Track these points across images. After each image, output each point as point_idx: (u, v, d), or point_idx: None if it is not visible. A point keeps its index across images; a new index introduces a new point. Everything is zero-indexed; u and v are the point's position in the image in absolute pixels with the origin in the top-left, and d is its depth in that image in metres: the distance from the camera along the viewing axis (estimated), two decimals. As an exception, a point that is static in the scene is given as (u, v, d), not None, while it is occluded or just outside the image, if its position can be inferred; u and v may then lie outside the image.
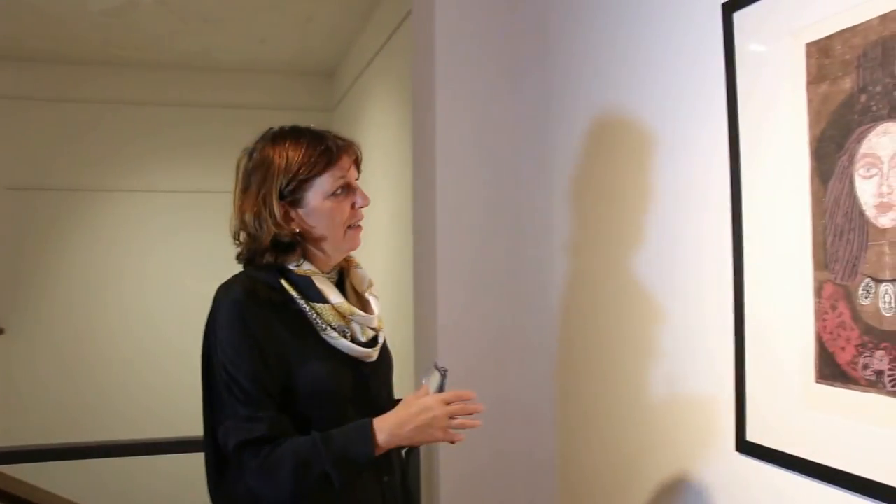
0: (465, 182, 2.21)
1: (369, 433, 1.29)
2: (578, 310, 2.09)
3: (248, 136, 1.43)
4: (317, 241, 1.39)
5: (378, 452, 1.30)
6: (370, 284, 1.49)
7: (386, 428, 1.30)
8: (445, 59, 2.21)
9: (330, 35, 4.66)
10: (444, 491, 2.15)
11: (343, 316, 1.36)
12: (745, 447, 1.43)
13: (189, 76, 5.28)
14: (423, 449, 2.23)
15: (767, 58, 1.36)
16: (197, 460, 1.46)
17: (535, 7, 2.26)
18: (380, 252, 3.99)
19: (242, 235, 1.39)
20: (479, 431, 1.44)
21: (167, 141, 5.25)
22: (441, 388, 1.37)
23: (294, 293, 1.34)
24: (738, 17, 1.43)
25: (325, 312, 1.35)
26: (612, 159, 1.90)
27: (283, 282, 1.35)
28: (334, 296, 1.37)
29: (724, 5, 1.46)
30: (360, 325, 1.40)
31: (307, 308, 1.34)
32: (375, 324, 1.43)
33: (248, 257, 1.38)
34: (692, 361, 1.60)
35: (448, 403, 1.33)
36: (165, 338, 5.04)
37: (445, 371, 1.38)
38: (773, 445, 1.35)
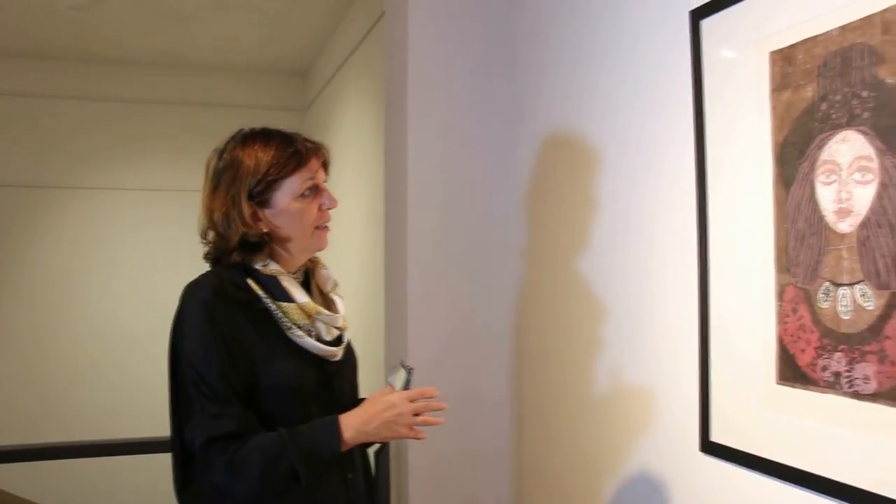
0: (437, 184, 2.24)
1: (336, 429, 1.31)
2: (539, 312, 2.11)
3: (220, 135, 1.44)
4: (284, 241, 1.41)
5: (344, 448, 1.32)
6: (335, 285, 1.52)
7: (352, 424, 1.32)
8: (418, 62, 2.24)
9: (304, 34, 4.65)
10: (412, 486, 2.16)
11: (308, 315, 1.38)
12: (710, 447, 1.45)
13: (160, 73, 5.23)
14: (391, 446, 2.24)
15: (733, 65, 1.39)
16: (163, 461, 1.45)
17: (504, 12, 2.29)
18: (353, 251, 3.99)
19: (210, 235, 1.40)
20: (446, 428, 1.46)
21: (137, 139, 5.19)
22: (407, 386, 1.40)
23: (260, 292, 1.36)
24: (706, 24, 1.45)
25: (290, 311, 1.36)
26: (579, 164, 1.92)
27: (249, 281, 1.36)
28: (300, 295, 1.39)
29: (692, 13, 1.49)
30: (326, 324, 1.41)
31: (273, 307, 1.35)
32: (340, 323, 1.45)
33: (216, 256, 1.40)
34: (658, 362, 1.63)
35: (412, 401, 1.35)
36: (131, 337, 4.99)
37: (411, 370, 1.41)
38: (737, 446, 1.38)
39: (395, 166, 2.35)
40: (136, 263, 5.15)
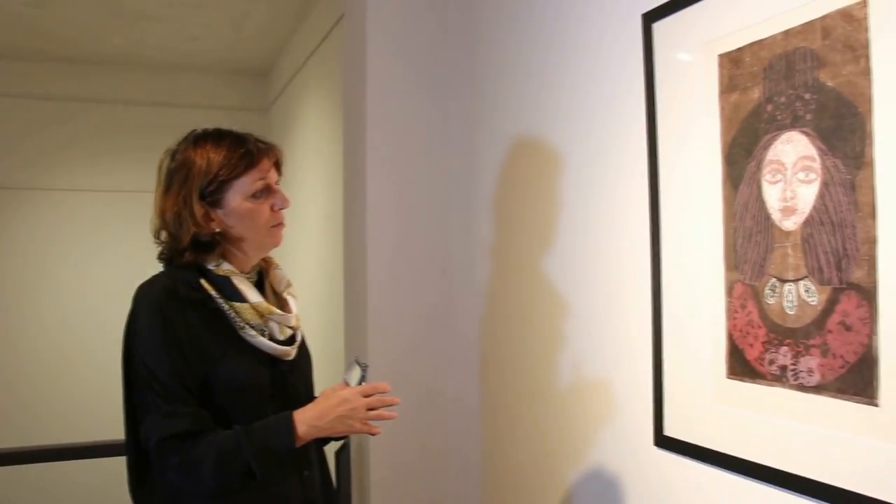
0: (396, 187, 2.26)
1: (290, 425, 1.32)
2: (502, 310, 2.13)
3: (180, 135, 1.45)
4: (236, 241, 1.42)
5: (299, 444, 1.33)
6: (288, 284, 1.53)
7: (306, 420, 1.34)
8: (376, 65, 2.25)
9: (264, 34, 4.62)
10: (374, 487, 2.17)
11: (261, 315, 1.39)
12: (663, 441, 1.48)
13: (118, 73, 5.14)
14: (353, 445, 2.25)
15: (684, 67, 1.42)
16: (117, 464, 1.44)
17: (462, 17, 2.31)
18: (312, 251, 3.98)
19: (163, 235, 1.40)
20: (409, 427, 1.48)
21: (93, 139, 5.10)
22: (361, 383, 1.41)
23: (213, 292, 1.36)
24: (657, 27, 1.48)
25: (243, 311, 1.37)
26: (534, 167, 1.95)
27: (202, 281, 1.37)
28: (253, 295, 1.39)
29: (644, 16, 1.52)
30: (279, 323, 1.42)
31: (226, 307, 1.36)
32: (293, 322, 1.46)
33: (169, 256, 1.41)
34: (614, 359, 1.65)
35: (366, 396, 1.37)
36: (84, 341, 4.91)
37: (366, 366, 1.43)
38: (689, 439, 1.41)
39: (353, 168, 2.36)
40: (91, 266, 5.06)
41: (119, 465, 1.41)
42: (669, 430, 1.46)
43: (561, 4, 1.86)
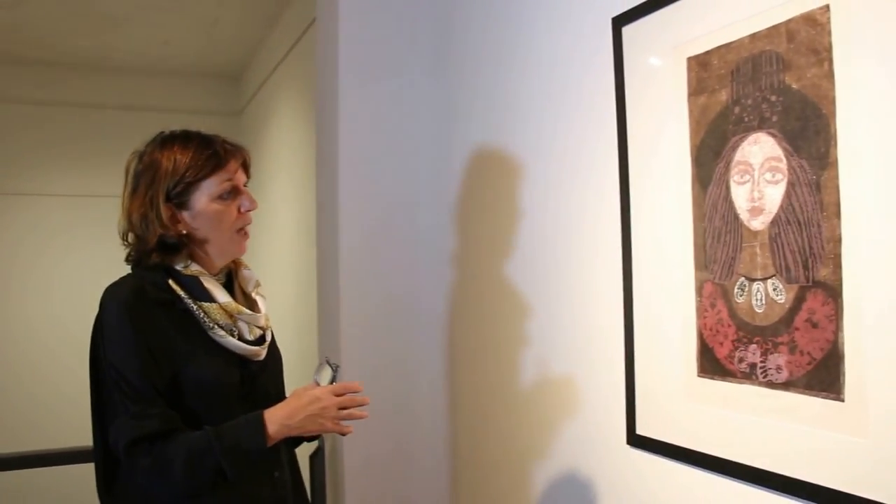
0: (368, 190, 2.27)
1: (261, 424, 1.32)
2: (474, 312, 2.14)
3: (148, 139, 1.44)
4: (202, 243, 1.41)
5: (270, 443, 1.33)
6: (257, 284, 1.53)
7: (277, 419, 1.33)
8: (348, 70, 2.27)
9: (236, 38, 4.60)
10: (347, 487, 2.17)
11: (230, 315, 1.39)
12: (636, 440, 1.50)
13: (87, 76, 5.09)
14: (326, 449, 2.25)
15: (653, 70, 1.44)
16: (83, 471, 1.43)
17: (433, 22, 2.32)
18: (284, 255, 3.97)
19: (130, 237, 1.40)
20: (381, 429, 1.48)
21: (62, 143, 5.05)
22: (332, 383, 1.42)
23: (181, 293, 1.36)
24: (627, 31, 1.50)
25: (212, 311, 1.37)
26: (506, 169, 1.96)
27: (170, 282, 1.36)
28: (221, 295, 1.39)
29: (613, 19, 1.54)
30: (248, 323, 1.42)
31: (194, 307, 1.36)
32: (262, 322, 1.46)
33: (136, 259, 1.40)
34: (587, 359, 1.67)
35: (338, 395, 1.37)
36: (49, 346, 4.87)
37: (337, 367, 1.43)
38: (661, 438, 1.43)
39: (326, 171, 2.36)
40: (60, 271, 5.00)
41: (87, 471, 1.39)
42: (642, 429, 1.48)
43: (531, 9, 1.87)
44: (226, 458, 1.27)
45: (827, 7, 1.09)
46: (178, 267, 1.38)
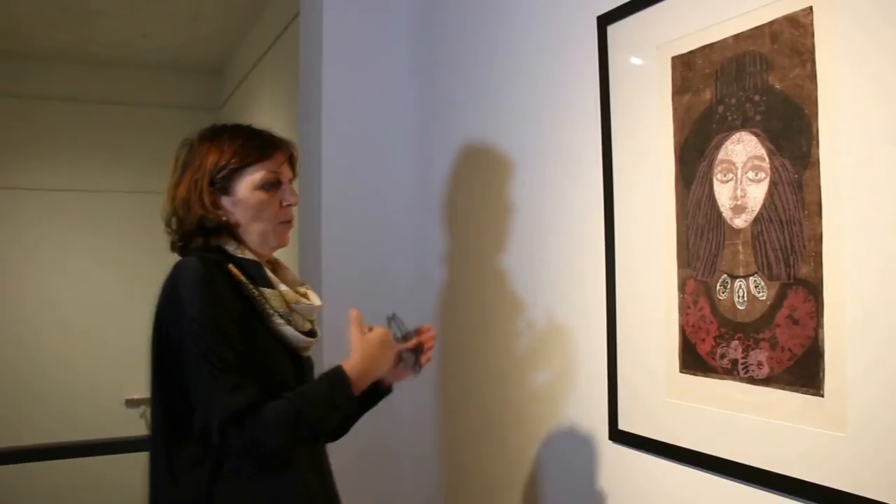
0: (351, 187, 2.27)
1: (346, 380, 1.31)
2: (457, 309, 2.15)
3: (129, 133, 1.46)
4: (242, 231, 1.39)
5: (357, 394, 1.33)
6: (303, 283, 1.50)
7: (356, 369, 1.33)
8: (332, 65, 2.26)
9: (217, 32, 4.56)
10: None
11: (287, 304, 1.37)
12: (618, 436, 1.51)
13: (65, 69, 5.03)
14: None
15: (638, 69, 1.46)
16: (83, 465, 1.41)
17: (418, 18, 2.32)
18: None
19: (173, 222, 1.39)
20: (365, 428, 1.48)
21: (38, 137, 4.97)
22: (405, 333, 1.46)
23: (242, 277, 1.33)
24: (612, 30, 1.51)
25: (272, 298, 1.35)
26: (490, 167, 1.96)
27: (230, 266, 1.33)
28: (279, 283, 1.38)
29: (599, 18, 1.55)
30: (301, 314, 1.40)
31: (256, 293, 1.33)
32: (314, 315, 1.44)
33: (182, 244, 1.39)
34: (570, 355, 1.68)
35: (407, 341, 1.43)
36: (47, 342, 4.84)
37: (393, 315, 1.47)
38: (643, 433, 1.44)
39: (308, 168, 2.35)
40: (46, 267, 4.94)
41: (83, 464, 1.37)
42: (624, 425, 1.49)
43: (516, 6, 1.88)
44: (320, 420, 1.27)
45: (810, 9, 1.11)
46: (231, 249, 1.37)
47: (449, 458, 2.22)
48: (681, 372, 1.35)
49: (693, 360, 1.33)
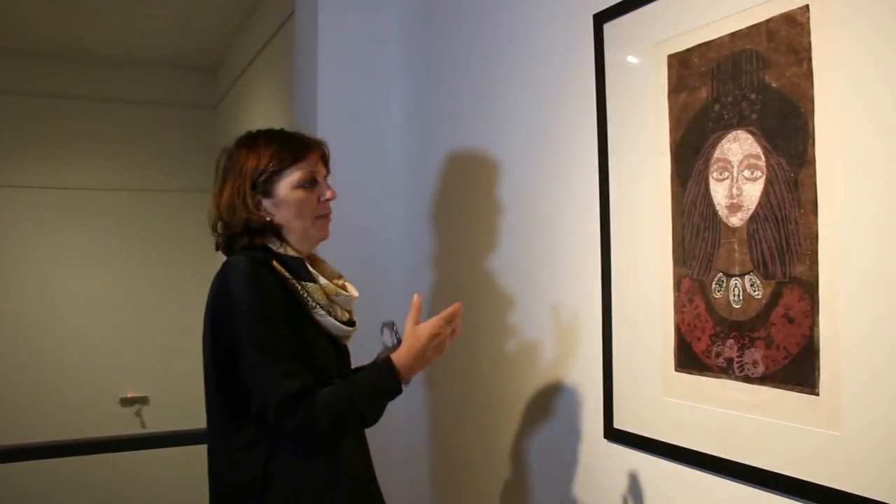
0: (345, 186, 2.23)
1: (395, 372, 1.41)
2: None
3: (123, 131, 1.47)
4: (286, 230, 1.49)
5: (404, 385, 1.44)
6: (341, 276, 1.61)
7: (405, 363, 1.43)
8: (327, 63, 2.26)
9: (212, 30, 4.55)
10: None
11: (327, 296, 1.47)
12: (613, 434, 1.51)
13: (60, 66, 5.00)
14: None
15: (634, 67, 1.45)
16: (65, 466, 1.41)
17: (413, 16, 2.32)
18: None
19: (219, 226, 1.50)
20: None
21: (33, 134, 4.95)
22: (395, 337, 1.53)
23: (286, 273, 1.43)
24: (608, 28, 1.51)
25: (314, 291, 1.45)
26: (485, 165, 1.96)
27: (275, 263, 1.43)
28: (320, 276, 1.48)
29: (595, 16, 1.55)
30: (341, 306, 1.51)
31: (298, 287, 1.44)
32: (352, 305, 1.55)
33: (227, 244, 1.49)
34: (564, 354, 1.68)
35: (449, 322, 1.46)
36: (39, 340, 4.82)
37: (392, 323, 1.55)
38: (639, 432, 1.44)
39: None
40: (36, 265, 4.92)
41: (80, 463, 1.37)
42: (619, 423, 1.49)
43: (512, 4, 1.88)
44: (368, 407, 1.39)
45: (807, 7, 1.11)
46: (274, 248, 1.46)
47: (441, 456, 2.21)
48: (676, 370, 1.35)
49: (688, 359, 1.33)
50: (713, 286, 1.28)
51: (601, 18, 1.53)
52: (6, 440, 2.70)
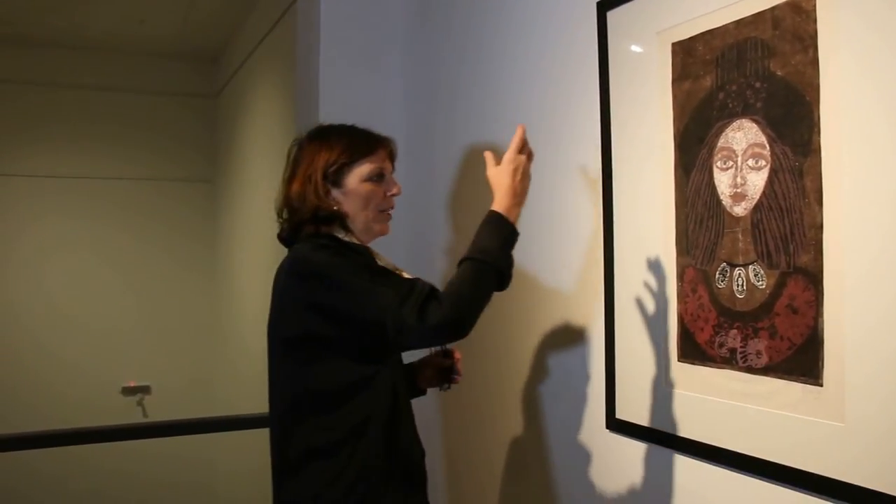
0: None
1: (503, 218, 1.42)
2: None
3: (124, 120, 1.46)
4: (350, 220, 1.52)
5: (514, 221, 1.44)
6: (398, 268, 1.61)
7: (505, 203, 1.44)
8: (330, 52, 2.24)
9: (213, 19, 4.53)
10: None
11: None
12: (615, 424, 1.51)
13: (60, 55, 4.98)
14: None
15: (638, 56, 1.44)
16: (70, 453, 1.41)
17: (417, 5, 2.30)
18: (260, 242, 3.93)
19: (285, 212, 1.53)
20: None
21: (33, 123, 4.94)
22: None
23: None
24: (612, 15, 1.50)
25: None
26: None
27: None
28: (383, 262, 1.51)
29: (598, 4, 1.53)
30: None
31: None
32: None
33: (293, 231, 1.52)
34: (566, 344, 1.68)
35: (519, 152, 1.47)
36: (39, 330, 4.82)
37: None
38: (641, 422, 1.44)
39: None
40: (31, 254, 4.91)
41: (81, 451, 1.37)
42: (621, 413, 1.49)
43: (516, -8, 1.87)
44: (498, 259, 1.39)
45: (813, -6, 1.10)
46: (341, 236, 1.49)
47: (445, 447, 2.21)
48: (679, 361, 1.35)
49: (692, 349, 1.32)
50: (717, 276, 1.27)
51: (605, 6, 1.52)
52: (9, 429, 2.70)
